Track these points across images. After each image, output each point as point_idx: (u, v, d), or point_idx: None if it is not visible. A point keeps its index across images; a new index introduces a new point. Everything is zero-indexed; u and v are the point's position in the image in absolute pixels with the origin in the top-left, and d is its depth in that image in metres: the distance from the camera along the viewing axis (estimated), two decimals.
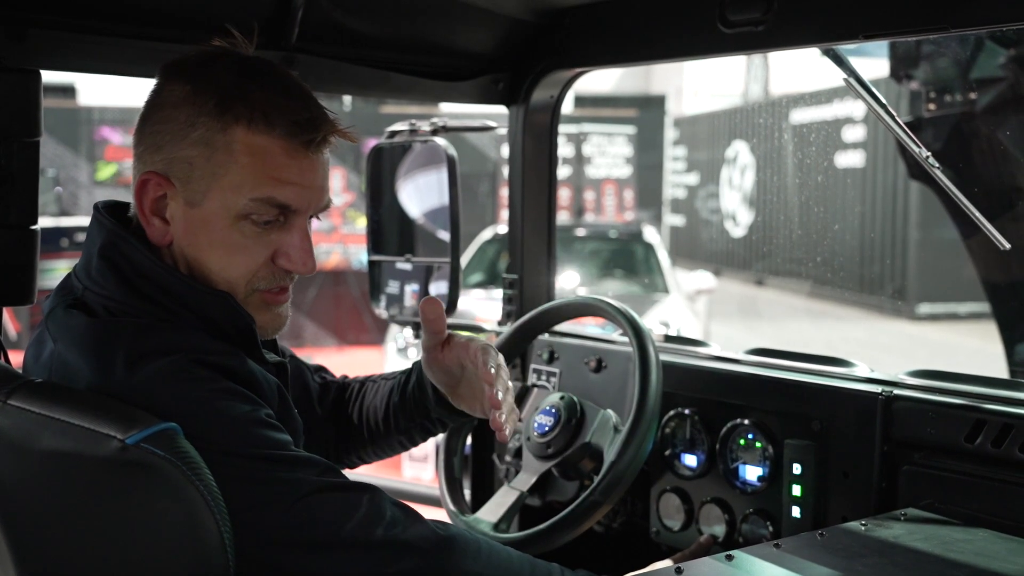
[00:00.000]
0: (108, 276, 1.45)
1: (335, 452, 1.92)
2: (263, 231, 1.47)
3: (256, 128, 1.42)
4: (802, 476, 1.93)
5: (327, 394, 1.92)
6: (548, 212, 2.46)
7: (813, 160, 9.96)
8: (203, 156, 1.43)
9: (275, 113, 1.43)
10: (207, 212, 1.45)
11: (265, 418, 1.40)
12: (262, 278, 1.49)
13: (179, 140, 1.43)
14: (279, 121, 1.43)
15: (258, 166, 1.43)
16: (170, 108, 1.44)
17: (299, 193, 1.46)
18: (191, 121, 1.42)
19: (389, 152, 2.47)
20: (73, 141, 13.85)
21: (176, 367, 1.37)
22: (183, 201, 1.45)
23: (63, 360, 1.42)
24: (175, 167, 1.44)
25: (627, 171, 15.57)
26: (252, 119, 1.42)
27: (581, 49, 2.27)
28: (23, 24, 1.72)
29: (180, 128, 1.43)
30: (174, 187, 1.45)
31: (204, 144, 1.42)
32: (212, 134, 1.42)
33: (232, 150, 1.42)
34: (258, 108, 1.42)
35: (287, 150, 1.44)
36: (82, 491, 1.32)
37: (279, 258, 1.49)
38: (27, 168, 1.71)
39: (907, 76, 3.80)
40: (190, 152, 1.43)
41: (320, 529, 1.37)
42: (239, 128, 1.42)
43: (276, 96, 1.44)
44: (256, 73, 1.46)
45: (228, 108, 1.42)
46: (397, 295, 2.45)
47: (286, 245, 1.49)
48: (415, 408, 1.85)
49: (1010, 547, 1.53)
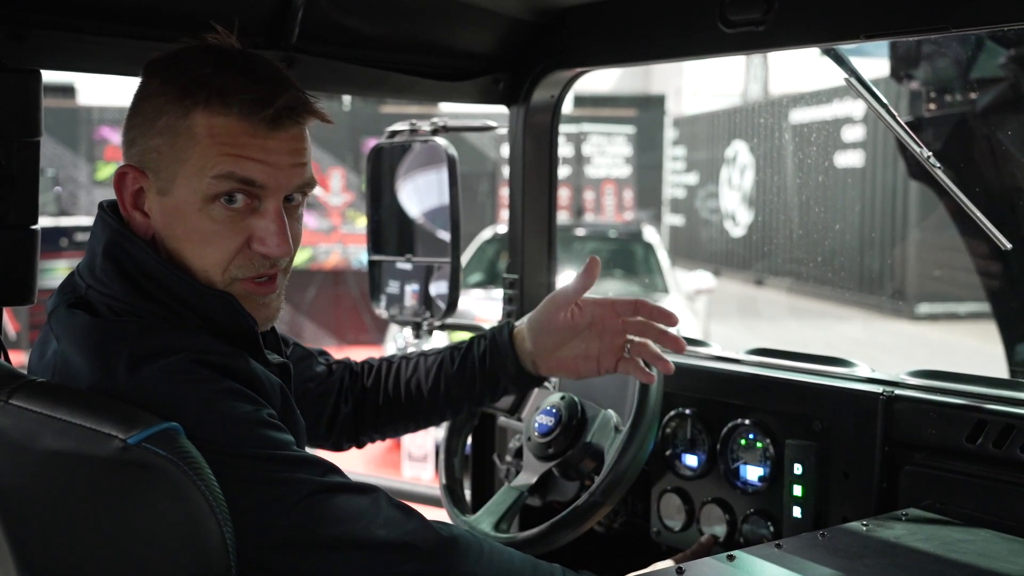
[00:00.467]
0: (112, 275, 1.45)
1: (351, 429, 1.94)
2: (234, 215, 1.45)
3: (213, 109, 1.42)
4: (803, 476, 1.93)
5: (337, 374, 1.93)
6: (548, 212, 2.46)
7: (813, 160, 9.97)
8: (168, 143, 1.43)
9: (231, 93, 1.42)
10: (178, 199, 1.45)
11: (267, 418, 1.40)
12: (239, 265, 1.47)
13: (148, 131, 1.44)
14: (234, 100, 1.42)
15: (217, 145, 1.42)
16: (142, 102, 1.46)
17: (263, 170, 1.44)
18: (157, 111, 1.44)
19: (389, 152, 2.46)
20: (73, 141, 13.85)
21: (178, 367, 1.37)
22: (156, 191, 1.46)
23: (66, 359, 1.42)
24: (146, 158, 1.45)
25: (627, 171, 15.57)
26: (208, 101, 1.42)
27: (581, 49, 2.27)
28: (23, 24, 1.72)
29: (148, 120, 1.44)
30: (148, 178, 1.46)
31: (169, 132, 1.43)
32: (175, 120, 1.43)
33: (193, 134, 1.42)
34: (215, 90, 1.42)
35: (246, 129, 1.43)
36: (83, 491, 1.32)
37: (254, 243, 1.47)
38: (27, 168, 1.71)
39: (908, 76, 3.80)
40: (156, 141, 1.44)
41: (322, 530, 1.37)
42: (198, 111, 1.42)
43: (235, 77, 1.44)
44: (222, 61, 1.45)
45: (188, 94, 1.42)
46: (397, 295, 2.45)
47: (260, 229, 1.46)
48: (480, 377, 1.88)
49: (1011, 547, 1.53)
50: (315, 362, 1.92)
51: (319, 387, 1.91)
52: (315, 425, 1.89)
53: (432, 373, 1.92)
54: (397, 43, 2.23)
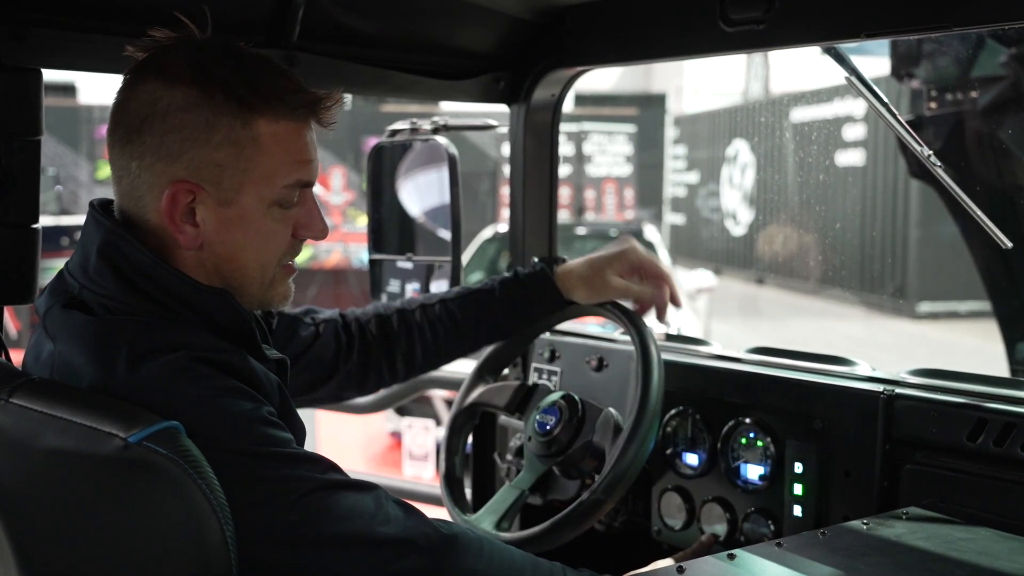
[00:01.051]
0: (106, 275, 1.44)
1: (356, 382, 2.00)
2: (288, 211, 1.51)
3: (276, 115, 1.45)
4: (804, 475, 1.93)
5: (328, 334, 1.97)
6: (549, 211, 2.46)
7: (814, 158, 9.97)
8: (232, 155, 1.44)
9: (289, 98, 1.46)
10: (243, 208, 1.47)
11: (267, 416, 1.40)
12: (287, 253, 1.55)
13: (202, 144, 1.42)
14: (289, 103, 1.46)
15: (285, 152, 1.47)
16: (179, 113, 1.42)
17: (315, 168, 1.53)
18: (211, 124, 1.42)
19: (390, 151, 2.46)
20: (74, 140, 13.87)
21: (178, 365, 1.37)
22: (215, 203, 1.45)
23: (65, 359, 1.42)
24: (203, 172, 1.44)
25: (627, 170, 15.58)
26: (272, 108, 1.44)
27: (582, 48, 2.27)
28: (24, 23, 1.72)
29: (200, 132, 1.42)
30: (204, 191, 1.44)
31: (230, 143, 1.43)
32: (235, 132, 1.43)
33: (259, 143, 1.44)
34: (271, 96, 1.44)
35: (300, 130, 1.48)
36: (84, 490, 1.32)
37: (300, 230, 1.54)
38: (28, 167, 1.71)
39: (908, 74, 3.80)
40: (217, 155, 1.43)
41: (322, 527, 1.37)
42: (260, 120, 1.44)
43: (278, 79, 1.47)
44: (248, 61, 1.47)
45: (243, 102, 1.43)
46: (398, 294, 2.45)
47: (305, 217, 1.54)
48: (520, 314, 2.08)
49: (1012, 546, 1.53)
50: (301, 326, 1.94)
51: (309, 351, 1.93)
52: (309, 386, 1.94)
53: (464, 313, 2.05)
54: (398, 42, 2.23)
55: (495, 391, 2.15)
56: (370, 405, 3.95)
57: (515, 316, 2.08)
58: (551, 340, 2.37)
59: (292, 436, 1.42)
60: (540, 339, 2.36)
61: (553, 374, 2.36)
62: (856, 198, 14.60)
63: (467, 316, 2.05)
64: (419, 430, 6.30)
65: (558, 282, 2.07)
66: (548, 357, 2.37)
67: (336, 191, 12.89)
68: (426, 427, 6.20)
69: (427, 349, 2.03)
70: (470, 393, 2.17)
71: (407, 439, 6.37)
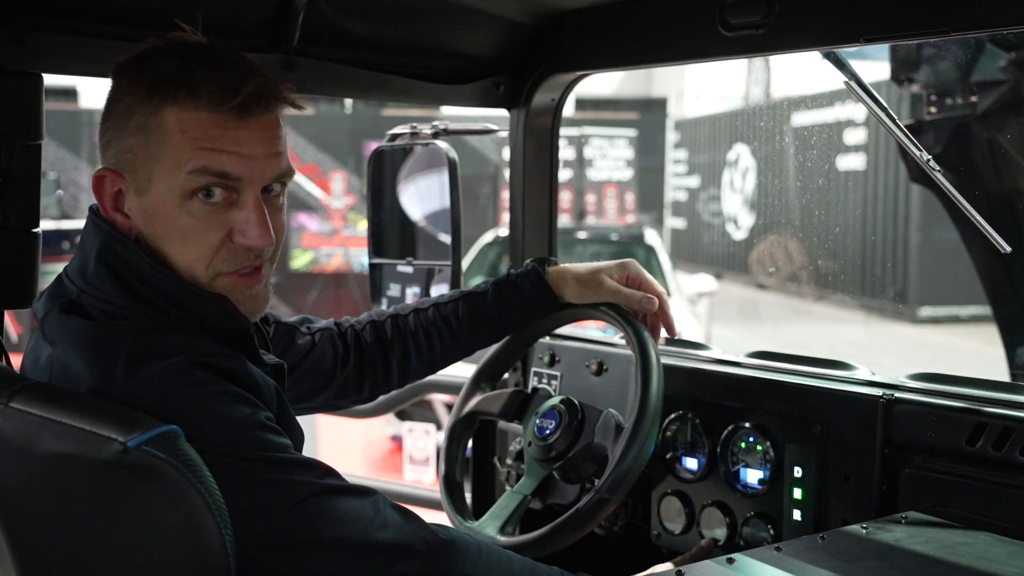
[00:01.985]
0: (105, 279, 1.44)
1: (352, 389, 1.99)
2: (213, 209, 1.44)
3: (182, 104, 1.41)
4: (803, 479, 1.93)
5: (324, 343, 1.96)
6: (549, 215, 2.46)
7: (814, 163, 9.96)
8: (141, 142, 1.43)
9: (198, 86, 1.41)
10: (156, 198, 1.44)
11: (265, 421, 1.40)
12: (223, 259, 1.47)
13: (120, 132, 1.44)
14: (202, 92, 1.41)
15: (189, 139, 1.42)
16: (113, 104, 1.45)
17: (237, 161, 1.43)
18: (128, 111, 1.43)
19: (390, 155, 2.47)
20: (75, 144, 13.88)
21: (177, 369, 1.37)
22: (134, 191, 1.46)
23: (64, 363, 1.42)
24: (122, 159, 1.45)
25: (628, 174, 15.58)
26: (177, 96, 1.41)
27: (582, 52, 2.27)
28: (24, 27, 1.72)
29: (120, 121, 1.44)
30: (125, 179, 1.46)
31: (141, 131, 1.43)
32: (146, 119, 1.42)
33: (165, 130, 1.42)
34: (183, 84, 1.41)
35: (216, 121, 1.42)
36: (83, 494, 1.32)
37: (235, 236, 1.46)
38: (28, 171, 1.71)
39: (908, 79, 3.80)
40: (130, 141, 1.44)
41: (320, 532, 1.37)
42: (167, 107, 1.42)
43: (202, 70, 1.43)
44: (189, 56, 1.45)
45: (156, 90, 1.42)
46: (398, 298, 2.45)
47: (240, 221, 1.45)
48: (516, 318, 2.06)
49: (1011, 550, 1.53)
50: (298, 335, 1.93)
51: (305, 360, 1.92)
52: (306, 395, 1.93)
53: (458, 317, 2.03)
54: (398, 46, 2.23)
55: (491, 399, 2.15)
56: (371, 409, 3.95)
57: (509, 317, 2.05)
58: (551, 344, 2.38)
59: (290, 441, 1.42)
60: (540, 344, 2.36)
61: (553, 378, 2.36)
62: (857, 202, 14.60)
63: (461, 319, 2.03)
64: (420, 434, 6.30)
65: (550, 281, 2.04)
66: (548, 361, 2.38)
67: (337, 195, 12.89)
68: (427, 431, 6.20)
69: (422, 354, 2.02)
70: (467, 402, 2.17)
71: (408, 443, 6.37)
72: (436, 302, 2.04)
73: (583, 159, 15.26)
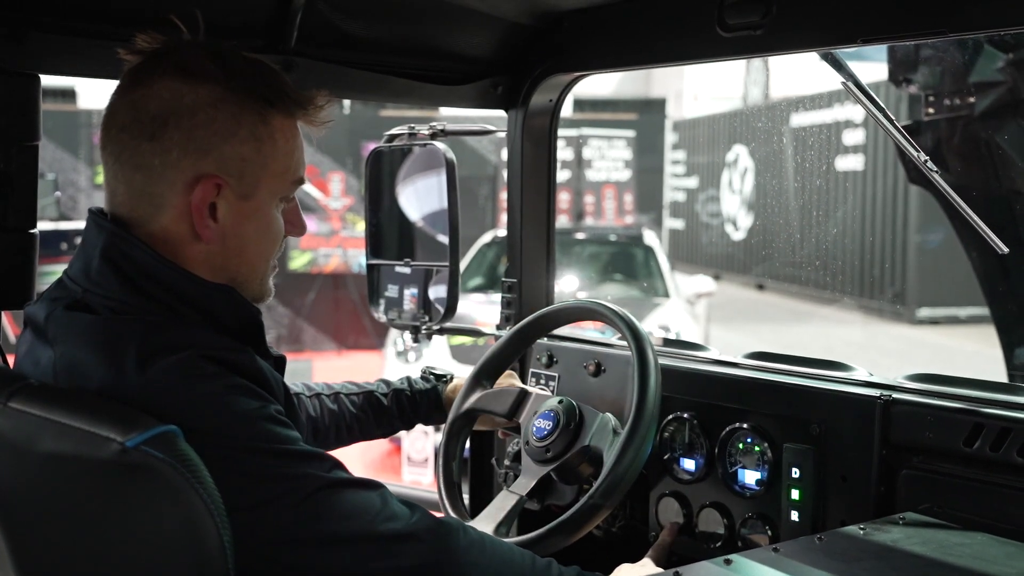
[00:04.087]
0: (110, 277, 1.44)
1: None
2: (286, 207, 1.57)
3: (287, 113, 1.51)
4: (801, 480, 1.93)
5: None
6: (547, 216, 2.46)
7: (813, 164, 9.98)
8: (253, 149, 1.47)
9: (292, 96, 1.51)
10: (259, 202, 1.51)
11: (275, 414, 1.41)
12: (279, 249, 1.60)
13: (229, 139, 1.46)
14: (288, 100, 1.50)
15: (294, 148, 1.53)
16: (207, 108, 1.44)
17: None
18: (237, 119, 1.46)
19: (388, 156, 2.47)
20: (73, 145, 13.86)
21: (186, 364, 1.37)
22: (235, 196, 1.48)
23: (69, 361, 1.41)
24: (229, 166, 1.46)
25: (627, 175, 15.57)
26: (286, 107, 1.50)
27: (580, 53, 2.27)
28: (22, 27, 1.72)
29: (226, 127, 1.45)
30: (228, 186, 1.47)
31: (252, 138, 1.47)
32: (257, 127, 1.47)
33: (275, 139, 1.49)
34: (283, 93, 1.50)
35: (297, 128, 1.54)
36: (82, 494, 1.32)
37: (287, 228, 1.59)
38: (26, 172, 1.72)
39: (906, 80, 3.80)
40: (241, 149, 1.47)
41: (330, 525, 1.38)
42: (277, 117, 1.49)
43: (284, 79, 1.52)
44: (256, 61, 1.51)
45: (263, 98, 1.48)
46: (396, 299, 2.45)
47: (291, 214, 1.59)
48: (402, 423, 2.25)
49: (1008, 551, 1.53)
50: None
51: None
52: None
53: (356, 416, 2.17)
54: (396, 47, 2.23)
55: (492, 397, 2.15)
56: None
57: (402, 421, 2.24)
58: (549, 345, 2.38)
59: (299, 434, 1.43)
60: (538, 344, 2.36)
61: (551, 379, 2.36)
62: (856, 203, 14.61)
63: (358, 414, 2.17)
64: (418, 435, 6.29)
65: (444, 398, 2.25)
66: (546, 362, 2.38)
67: (335, 196, 12.88)
68: (425, 432, 6.19)
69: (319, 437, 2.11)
70: (467, 399, 2.17)
71: (406, 444, 6.36)
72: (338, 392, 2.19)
73: (581, 160, 15.25)
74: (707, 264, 18.35)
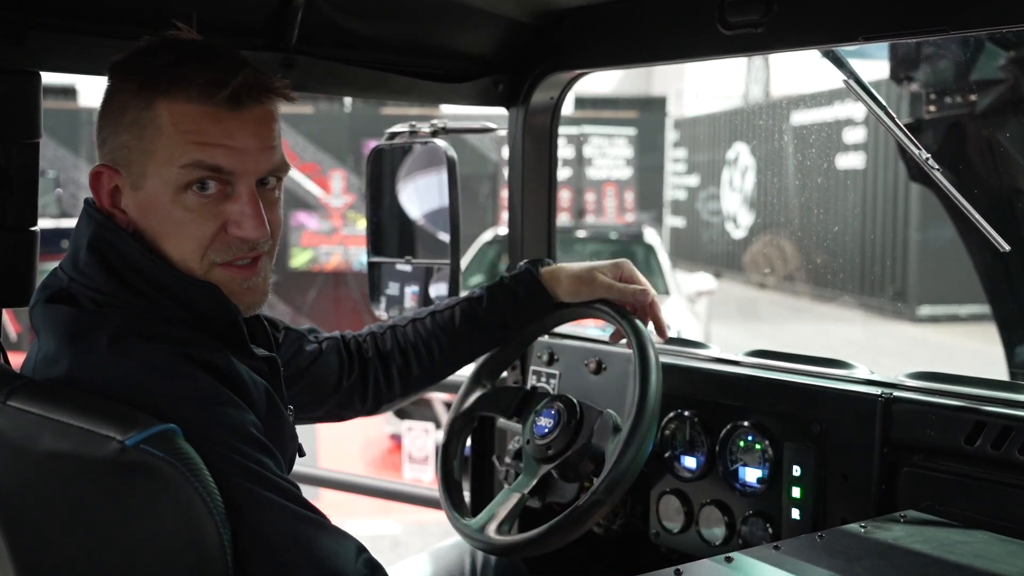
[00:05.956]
0: (96, 268, 1.44)
1: (357, 399, 2.00)
2: (208, 201, 1.44)
3: (174, 96, 1.42)
4: (802, 478, 1.93)
5: (330, 351, 1.96)
6: (548, 214, 2.46)
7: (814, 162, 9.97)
8: (135, 137, 1.44)
9: (190, 78, 1.42)
10: (150, 192, 1.45)
11: (250, 430, 1.38)
12: (216, 250, 1.47)
13: (115, 128, 1.45)
14: (193, 85, 1.42)
15: (182, 133, 1.42)
16: (108, 100, 1.46)
17: (229, 155, 1.44)
18: (122, 107, 1.44)
19: (389, 154, 2.47)
20: (74, 143, 13.86)
21: (160, 360, 1.37)
22: (130, 186, 1.46)
23: (45, 351, 1.41)
24: (117, 155, 1.46)
25: (628, 173, 15.58)
26: (169, 89, 1.42)
27: (580, 51, 2.27)
28: (23, 26, 1.72)
29: (115, 116, 1.45)
30: (121, 175, 1.46)
31: (135, 125, 1.43)
32: (139, 113, 1.43)
33: (158, 124, 1.42)
34: (174, 78, 1.42)
35: (208, 113, 1.43)
36: (81, 492, 1.32)
37: (230, 227, 1.46)
38: (26, 169, 1.71)
39: (907, 78, 3.80)
40: (125, 137, 1.44)
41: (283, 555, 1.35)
42: (160, 101, 1.42)
43: (193, 64, 1.44)
44: (182, 51, 1.46)
45: (149, 85, 1.42)
46: (397, 296, 2.45)
47: (234, 213, 1.46)
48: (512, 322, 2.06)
49: (1009, 549, 1.53)
50: (306, 342, 1.94)
51: (312, 367, 1.93)
52: (313, 403, 1.94)
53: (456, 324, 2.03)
54: (396, 45, 2.23)
55: (492, 396, 2.15)
56: None
57: (506, 321, 2.06)
58: (550, 343, 2.38)
59: (271, 460, 1.39)
60: (539, 342, 2.36)
61: (552, 377, 2.36)
62: (856, 201, 14.60)
63: (459, 326, 2.03)
64: (419, 433, 6.30)
65: (544, 282, 2.04)
66: (547, 360, 2.38)
67: (336, 194, 12.87)
68: (426, 430, 6.20)
69: (423, 363, 2.03)
70: (467, 398, 2.17)
71: (407, 442, 6.36)
72: (433, 311, 2.05)
73: (582, 158, 15.25)
74: (708, 262, 18.34)
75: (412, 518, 6.23)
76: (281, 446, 1.48)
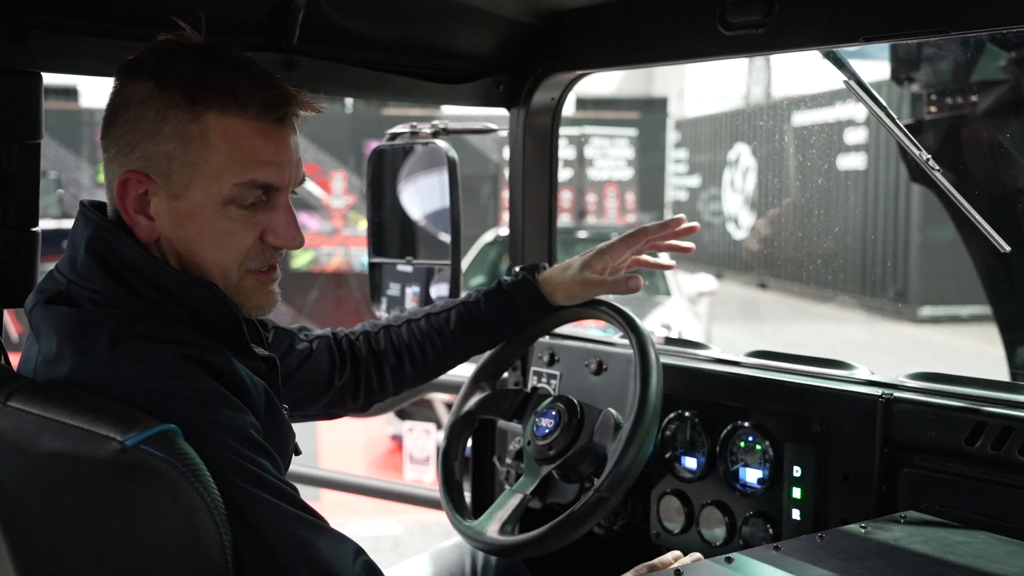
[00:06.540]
0: (94, 269, 1.44)
1: (349, 398, 2.00)
2: (249, 213, 1.48)
3: (227, 112, 1.43)
4: (802, 478, 1.93)
5: (321, 351, 1.97)
6: (549, 214, 2.46)
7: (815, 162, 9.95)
8: (180, 148, 1.43)
9: (243, 94, 1.43)
10: (192, 203, 1.45)
11: (249, 432, 1.38)
12: (253, 258, 1.50)
13: (152, 136, 1.43)
14: (249, 102, 1.43)
15: (235, 150, 1.44)
16: (137, 106, 1.44)
17: (278, 171, 1.48)
18: (161, 116, 1.43)
19: (390, 154, 2.47)
20: (75, 143, 13.88)
21: (160, 359, 1.37)
22: (166, 195, 1.46)
23: (47, 352, 1.41)
24: (153, 163, 1.44)
25: (629, 173, 15.58)
26: (223, 104, 1.43)
27: (582, 52, 2.27)
28: (24, 26, 1.72)
29: (151, 124, 1.43)
30: (155, 183, 1.45)
31: (179, 136, 1.43)
32: (184, 125, 1.42)
33: (207, 138, 1.43)
34: (226, 92, 1.43)
35: (260, 130, 1.45)
36: (82, 493, 1.32)
37: (268, 236, 1.50)
38: (28, 170, 1.72)
39: (908, 79, 3.79)
40: (167, 146, 1.43)
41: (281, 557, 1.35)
42: (210, 115, 1.43)
43: (240, 78, 1.45)
44: (215, 59, 1.46)
45: (196, 98, 1.42)
46: (398, 297, 2.45)
47: (273, 223, 1.50)
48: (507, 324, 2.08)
49: (1009, 550, 1.53)
50: (297, 341, 1.94)
51: (304, 366, 1.93)
52: (305, 401, 1.95)
53: (451, 327, 2.05)
54: (398, 45, 2.23)
55: (491, 399, 2.15)
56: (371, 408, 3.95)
57: (502, 326, 2.09)
58: (550, 344, 2.38)
59: (270, 461, 1.39)
60: (539, 343, 2.36)
61: (552, 378, 2.36)
62: (858, 202, 14.59)
63: (454, 329, 2.05)
64: (420, 433, 6.29)
65: (542, 288, 2.07)
66: (547, 361, 2.38)
67: (337, 194, 12.88)
68: (427, 430, 6.19)
69: (416, 363, 2.04)
70: (467, 401, 2.17)
71: (408, 442, 6.36)
72: (429, 312, 2.07)
73: (583, 158, 15.25)
74: (709, 263, 18.33)
75: (413, 518, 6.24)
76: (280, 446, 1.49)
